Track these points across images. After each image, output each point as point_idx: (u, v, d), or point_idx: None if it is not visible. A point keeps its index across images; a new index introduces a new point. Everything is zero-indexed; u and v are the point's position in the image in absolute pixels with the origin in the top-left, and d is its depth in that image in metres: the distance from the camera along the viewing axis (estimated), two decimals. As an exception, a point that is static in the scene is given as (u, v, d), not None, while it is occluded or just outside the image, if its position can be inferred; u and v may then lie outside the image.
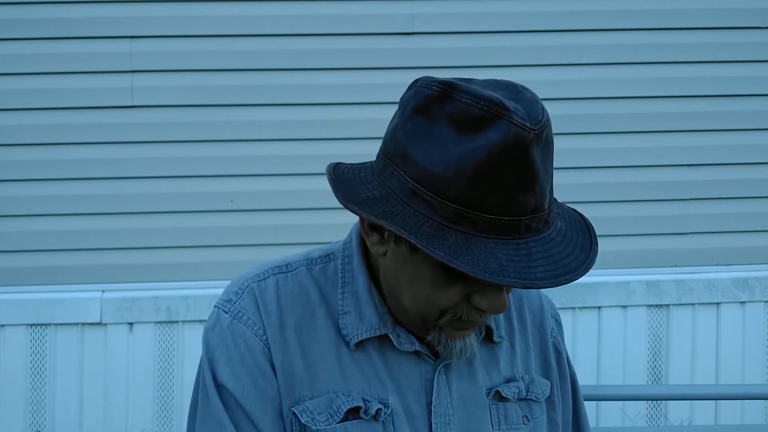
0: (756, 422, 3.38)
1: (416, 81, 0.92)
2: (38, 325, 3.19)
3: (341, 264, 1.03)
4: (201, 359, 1.03)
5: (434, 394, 1.00)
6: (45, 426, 3.18)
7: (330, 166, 0.95)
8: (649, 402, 3.34)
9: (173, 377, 3.22)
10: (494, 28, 3.37)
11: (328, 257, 1.05)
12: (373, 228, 0.94)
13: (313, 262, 1.05)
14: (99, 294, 3.21)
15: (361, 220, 0.96)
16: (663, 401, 3.33)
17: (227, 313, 1.01)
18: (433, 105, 0.87)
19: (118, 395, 3.20)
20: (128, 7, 3.27)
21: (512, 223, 0.85)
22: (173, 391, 3.23)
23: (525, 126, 0.83)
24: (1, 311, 3.18)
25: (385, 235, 0.93)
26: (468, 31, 3.36)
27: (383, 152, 0.92)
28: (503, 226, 0.84)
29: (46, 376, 3.19)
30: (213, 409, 0.99)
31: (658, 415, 3.38)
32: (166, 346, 3.23)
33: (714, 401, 3.35)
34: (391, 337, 0.99)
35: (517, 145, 0.83)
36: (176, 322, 3.23)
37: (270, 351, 0.98)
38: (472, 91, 0.86)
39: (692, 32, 3.44)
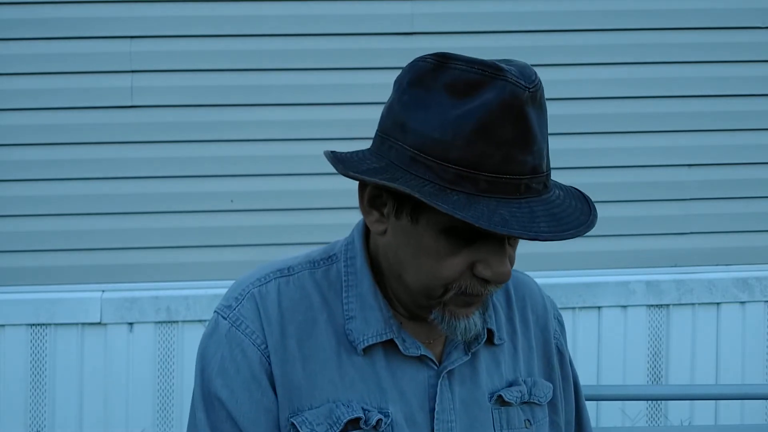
0: (756, 422, 3.38)
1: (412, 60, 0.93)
2: (38, 325, 3.19)
3: (344, 267, 1.01)
4: (196, 367, 1.01)
5: (437, 401, 0.99)
6: (45, 426, 3.18)
7: (327, 150, 0.96)
8: (649, 402, 3.34)
9: (173, 377, 3.22)
10: (494, 28, 3.37)
11: (330, 259, 1.03)
12: (373, 206, 0.94)
13: (316, 264, 1.03)
14: (99, 294, 3.21)
15: (360, 199, 0.95)
16: (663, 401, 3.33)
17: (226, 319, 0.99)
18: (428, 76, 0.89)
19: (118, 395, 3.20)
20: (128, 7, 3.27)
21: (512, 182, 0.85)
22: (173, 391, 3.22)
23: (520, 84, 0.86)
24: (1, 311, 3.17)
25: (385, 211, 0.93)
26: (468, 31, 3.36)
27: (380, 131, 0.93)
28: (504, 184, 0.85)
29: (46, 376, 3.18)
30: (198, 424, 0.98)
31: (658, 415, 3.38)
32: (166, 346, 3.23)
33: (714, 401, 3.35)
34: (397, 342, 0.98)
35: (513, 102, 0.85)
36: (176, 322, 3.22)
37: (269, 361, 0.96)
38: (465, 58, 0.88)
39: (692, 32, 3.44)
